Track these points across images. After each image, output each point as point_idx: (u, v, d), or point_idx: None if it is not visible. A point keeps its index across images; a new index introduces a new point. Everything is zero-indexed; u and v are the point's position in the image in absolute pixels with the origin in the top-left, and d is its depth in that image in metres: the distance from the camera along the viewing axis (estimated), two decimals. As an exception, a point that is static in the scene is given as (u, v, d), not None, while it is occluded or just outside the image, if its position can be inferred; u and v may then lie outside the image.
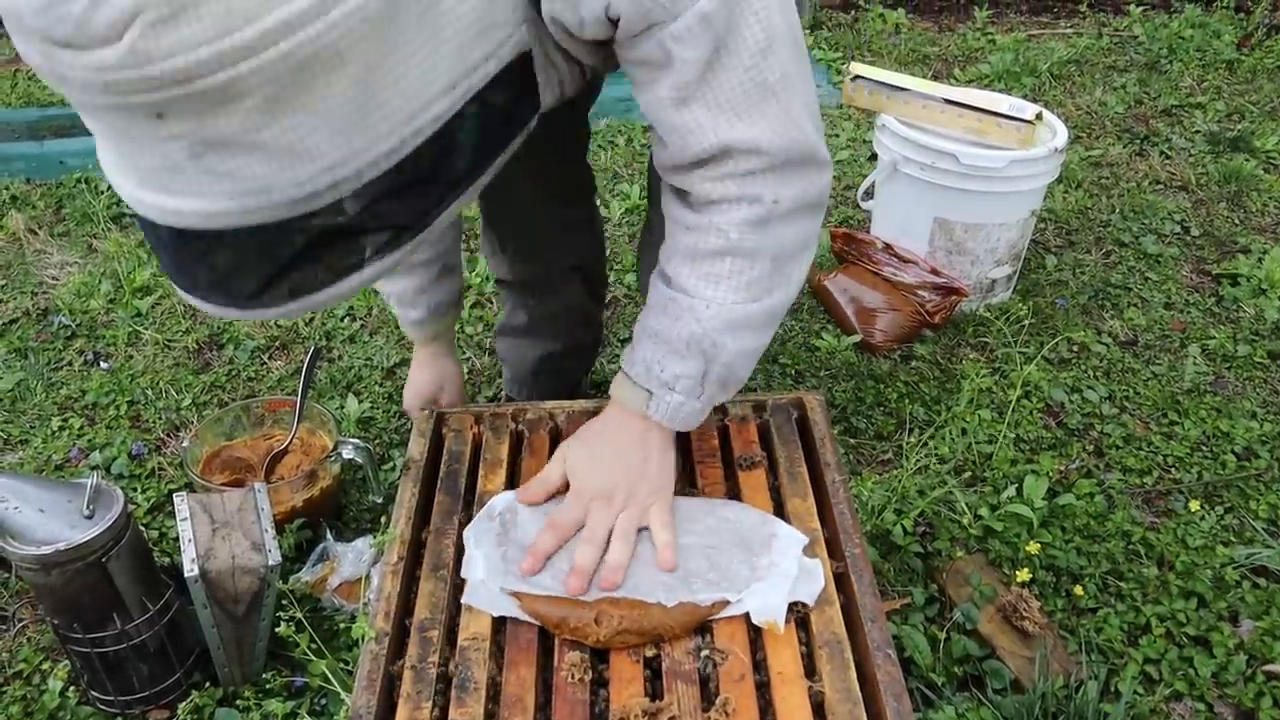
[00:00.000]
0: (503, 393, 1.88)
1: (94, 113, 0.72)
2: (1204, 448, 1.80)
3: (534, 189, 1.43)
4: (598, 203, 2.62)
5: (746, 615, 0.98)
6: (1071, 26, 3.96)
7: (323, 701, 1.31)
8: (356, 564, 1.45)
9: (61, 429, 1.87)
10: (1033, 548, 1.49)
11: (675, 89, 0.90)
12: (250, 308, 0.83)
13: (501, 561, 1.02)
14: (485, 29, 0.81)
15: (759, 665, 0.95)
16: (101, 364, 2.07)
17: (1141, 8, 3.95)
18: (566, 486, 1.10)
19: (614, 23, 0.86)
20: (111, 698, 1.30)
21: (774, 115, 0.92)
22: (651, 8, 0.84)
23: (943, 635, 1.37)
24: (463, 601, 0.99)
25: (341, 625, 1.37)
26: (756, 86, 0.90)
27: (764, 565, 1.01)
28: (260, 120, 0.70)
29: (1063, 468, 1.73)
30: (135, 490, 1.70)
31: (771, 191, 0.96)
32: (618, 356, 2.02)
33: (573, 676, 0.93)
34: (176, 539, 1.45)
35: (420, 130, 0.79)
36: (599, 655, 0.97)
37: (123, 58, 0.64)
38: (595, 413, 1.14)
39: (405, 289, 1.41)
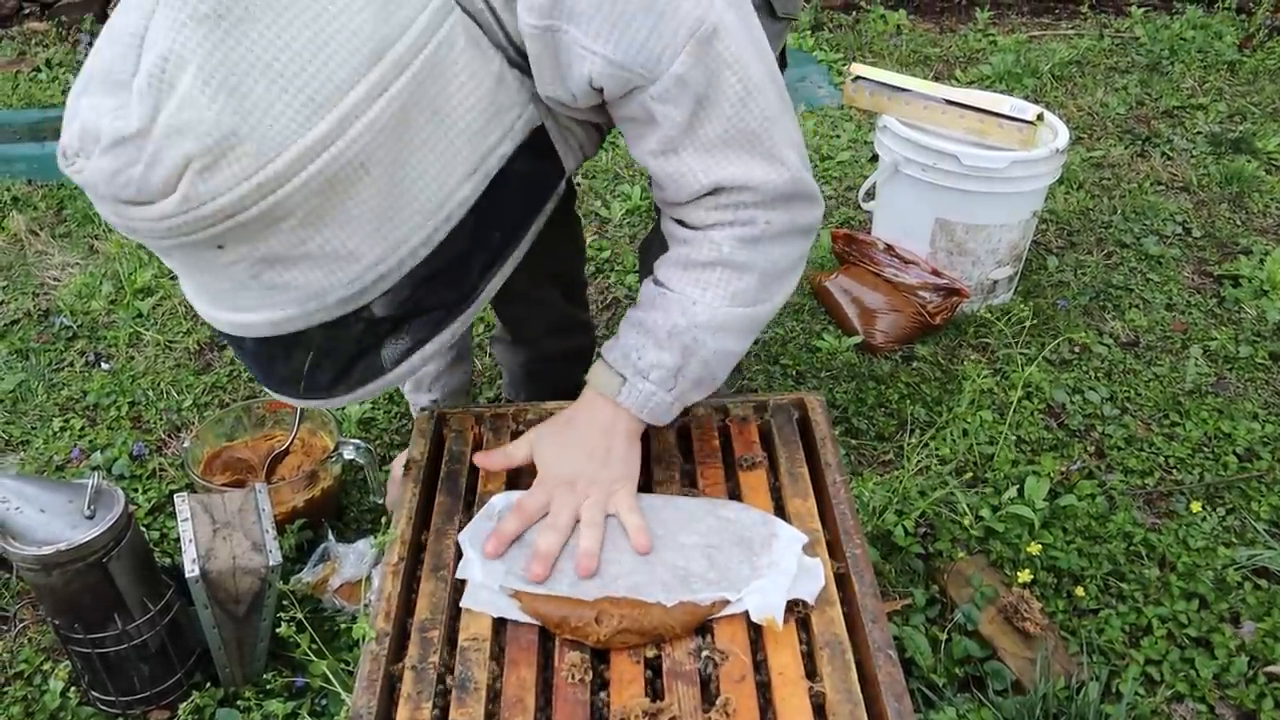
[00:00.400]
0: (503, 395, 1.88)
1: (165, 252, 0.83)
2: (1205, 449, 1.79)
3: None
4: (599, 204, 2.63)
5: (747, 615, 0.98)
6: (1073, 28, 3.96)
7: (323, 702, 1.31)
8: (357, 565, 1.45)
9: (63, 430, 1.87)
10: (1034, 549, 1.49)
11: (662, 142, 0.96)
12: (331, 396, 0.95)
13: (500, 561, 1.02)
14: (495, 114, 0.88)
15: (760, 666, 0.95)
16: (103, 365, 2.07)
17: (1143, 9, 3.95)
18: (530, 467, 1.11)
19: (600, 91, 0.91)
20: (112, 698, 1.30)
21: (760, 157, 0.97)
22: (629, 76, 0.89)
23: (944, 636, 1.37)
24: (461, 605, 0.99)
25: (342, 626, 1.37)
26: (740, 133, 0.95)
27: (764, 564, 1.01)
28: (304, 234, 0.81)
29: (1064, 469, 1.73)
30: (136, 491, 1.70)
31: (765, 216, 1.01)
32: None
33: (573, 677, 0.93)
34: (177, 539, 1.45)
35: (450, 216, 0.88)
36: (599, 656, 0.97)
37: (178, 206, 0.75)
38: None
39: (426, 373, 1.46)
